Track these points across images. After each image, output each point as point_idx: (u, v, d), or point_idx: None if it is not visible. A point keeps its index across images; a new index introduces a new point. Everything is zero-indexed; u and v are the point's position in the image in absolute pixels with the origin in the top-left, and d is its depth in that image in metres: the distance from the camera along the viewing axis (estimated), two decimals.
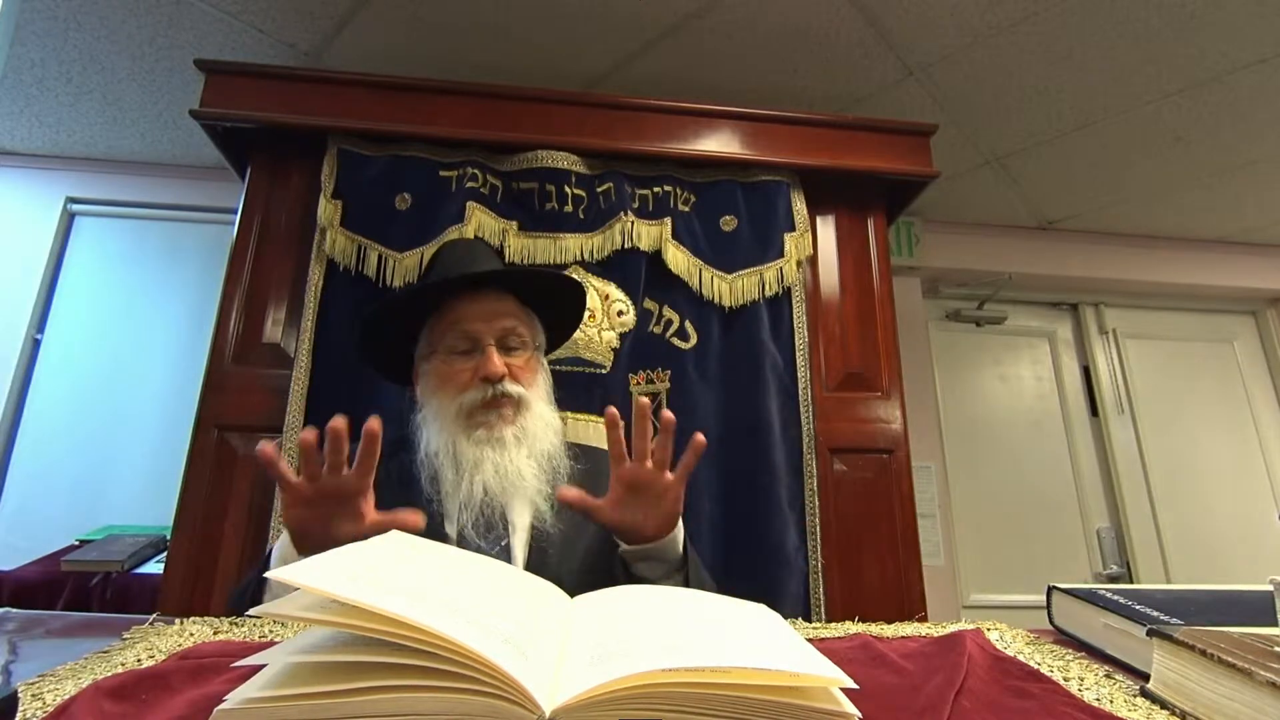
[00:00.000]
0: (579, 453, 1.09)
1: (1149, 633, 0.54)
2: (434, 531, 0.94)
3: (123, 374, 2.28)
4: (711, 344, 1.65)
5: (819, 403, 1.67)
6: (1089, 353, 2.92)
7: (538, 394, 1.05)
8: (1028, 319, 2.96)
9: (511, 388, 1.01)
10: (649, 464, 0.85)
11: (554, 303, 1.14)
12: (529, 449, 1.00)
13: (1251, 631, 0.51)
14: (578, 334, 1.23)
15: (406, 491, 0.99)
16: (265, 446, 0.76)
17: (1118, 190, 2.57)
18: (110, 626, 0.67)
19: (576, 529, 0.98)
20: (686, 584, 0.90)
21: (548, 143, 1.67)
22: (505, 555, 0.94)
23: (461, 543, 0.94)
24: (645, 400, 0.87)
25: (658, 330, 1.65)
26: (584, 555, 0.97)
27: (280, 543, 0.84)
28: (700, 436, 0.85)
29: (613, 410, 0.86)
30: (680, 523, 0.91)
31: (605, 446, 0.90)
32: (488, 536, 0.94)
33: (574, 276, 1.21)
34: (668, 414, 0.84)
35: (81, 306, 2.34)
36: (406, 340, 1.10)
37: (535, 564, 0.93)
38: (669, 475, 0.86)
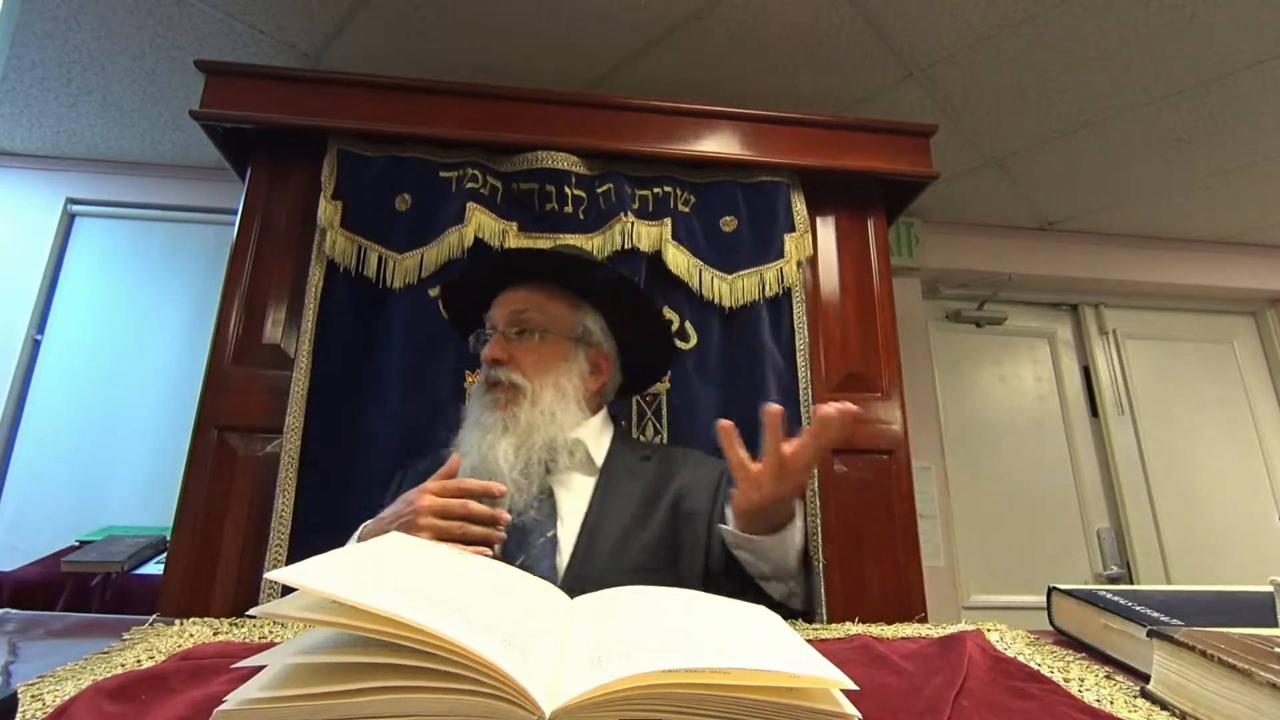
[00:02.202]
0: (649, 452, 1.09)
1: (1149, 634, 0.54)
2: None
3: (123, 374, 2.28)
4: (712, 344, 1.65)
5: (819, 403, 1.67)
6: (1089, 353, 2.92)
7: (550, 382, 1.03)
8: (1028, 319, 2.96)
9: (504, 374, 1.02)
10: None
11: (611, 295, 1.12)
12: (520, 437, 0.99)
13: (1252, 632, 0.51)
14: None
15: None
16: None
17: (1118, 191, 2.57)
18: (110, 627, 0.67)
19: (636, 525, 0.97)
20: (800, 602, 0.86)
21: (548, 143, 1.67)
22: (551, 549, 0.93)
23: (508, 534, 0.93)
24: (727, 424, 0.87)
25: None
26: (639, 554, 0.95)
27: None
28: (773, 408, 0.84)
29: (725, 423, 0.87)
30: (796, 533, 0.88)
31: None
32: (533, 533, 0.94)
33: (625, 274, 1.19)
34: (771, 409, 0.83)
35: (81, 306, 2.34)
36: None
37: (577, 566, 0.92)
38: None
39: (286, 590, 0.42)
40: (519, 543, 0.93)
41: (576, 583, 0.85)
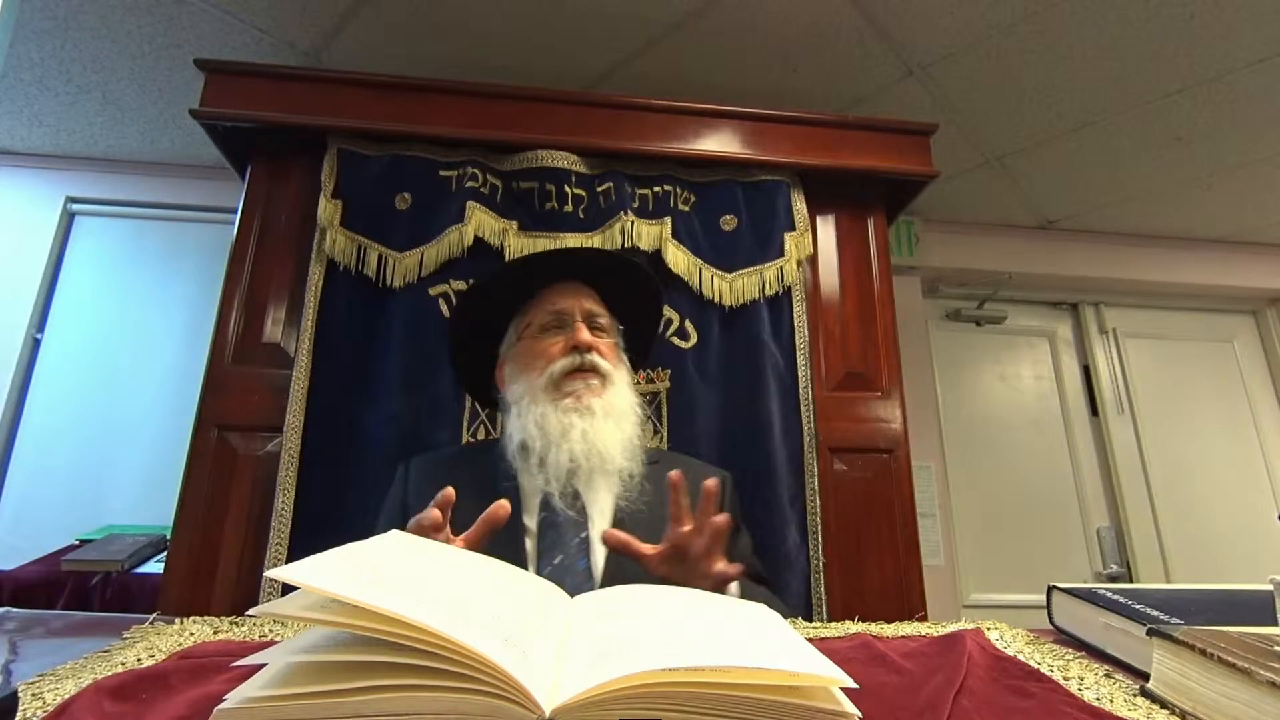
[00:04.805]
0: (657, 456, 1.11)
1: (1149, 632, 0.54)
2: (511, 527, 0.93)
3: (123, 374, 2.28)
4: (711, 343, 1.65)
5: (819, 402, 1.67)
6: (1089, 352, 2.92)
7: (622, 378, 1.08)
8: (1028, 318, 2.96)
9: (599, 361, 1.04)
10: (686, 528, 0.82)
11: (631, 306, 1.18)
12: (615, 423, 1.01)
13: (1251, 631, 0.51)
14: None
15: (495, 485, 1.00)
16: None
17: (1118, 190, 2.57)
18: (110, 626, 0.67)
19: (660, 524, 0.98)
20: None
21: (548, 142, 1.67)
22: (585, 549, 0.93)
23: (541, 534, 0.93)
24: (677, 475, 0.84)
25: None
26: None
27: None
28: (710, 483, 0.82)
29: (676, 474, 0.84)
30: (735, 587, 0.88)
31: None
32: (568, 533, 0.94)
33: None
34: (709, 483, 0.82)
35: (81, 306, 2.34)
36: (487, 343, 1.15)
37: (614, 564, 0.91)
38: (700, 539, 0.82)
39: (287, 589, 0.42)
40: (555, 541, 0.93)
41: (613, 583, 0.84)
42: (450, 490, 0.78)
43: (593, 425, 0.99)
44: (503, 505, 0.79)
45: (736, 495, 1.16)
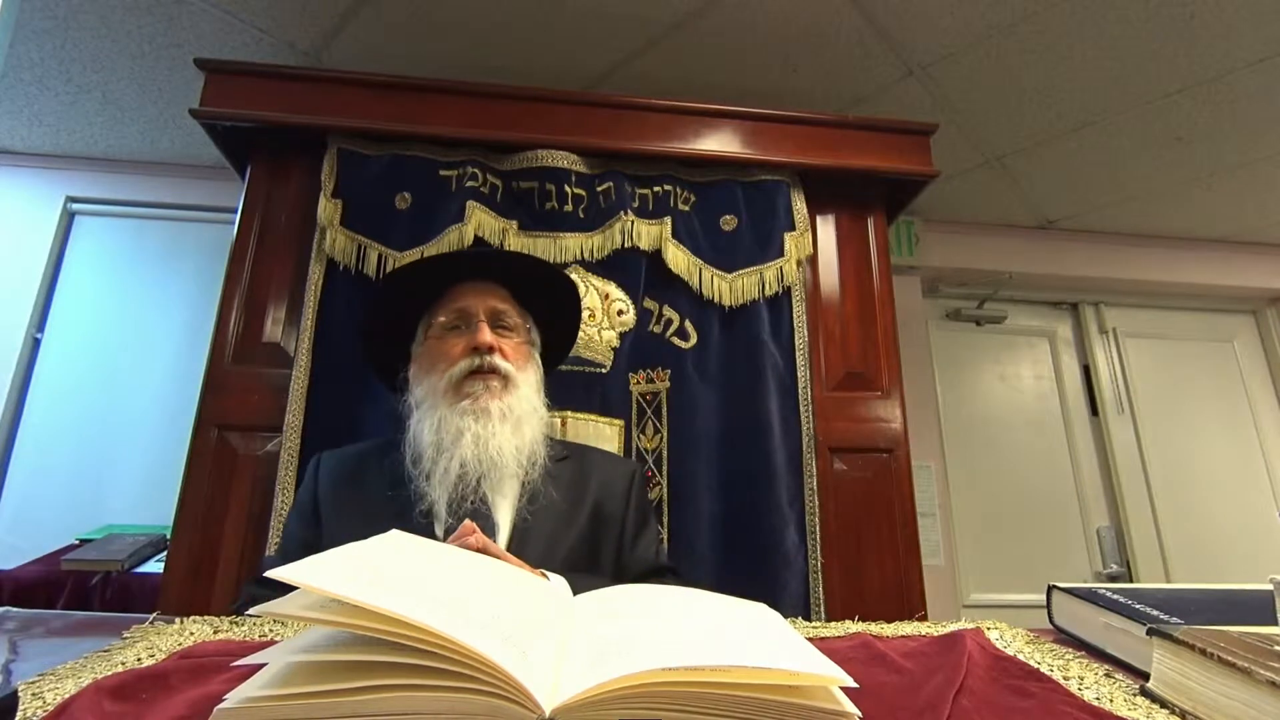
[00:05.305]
0: (566, 451, 1.10)
1: (1149, 632, 0.54)
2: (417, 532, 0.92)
3: (123, 374, 2.28)
4: (711, 343, 1.65)
5: (819, 402, 1.67)
6: (1089, 352, 2.92)
7: (527, 379, 1.06)
8: (1028, 318, 2.96)
9: (500, 362, 1.02)
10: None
11: (549, 302, 1.16)
12: (513, 427, 0.99)
13: (1251, 630, 0.51)
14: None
15: (398, 488, 0.99)
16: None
17: (1118, 190, 2.57)
18: (110, 626, 0.67)
19: (563, 526, 0.98)
20: None
21: (548, 142, 1.67)
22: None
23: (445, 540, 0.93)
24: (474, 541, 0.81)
25: (657, 329, 1.66)
26: (566, 555, 0.96)
27: None
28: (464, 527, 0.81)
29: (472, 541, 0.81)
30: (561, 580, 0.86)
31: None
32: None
33: (570, 275, 1.25)
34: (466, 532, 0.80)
35: (81, 306, 2.34)
36: (402, 341, 1.12)
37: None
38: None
39: (286, 588, 0.42)
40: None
41: None
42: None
43: (486, 429, 0.97)
44: (474, 532, 0.79)
45: (644, 488, 1.16)
